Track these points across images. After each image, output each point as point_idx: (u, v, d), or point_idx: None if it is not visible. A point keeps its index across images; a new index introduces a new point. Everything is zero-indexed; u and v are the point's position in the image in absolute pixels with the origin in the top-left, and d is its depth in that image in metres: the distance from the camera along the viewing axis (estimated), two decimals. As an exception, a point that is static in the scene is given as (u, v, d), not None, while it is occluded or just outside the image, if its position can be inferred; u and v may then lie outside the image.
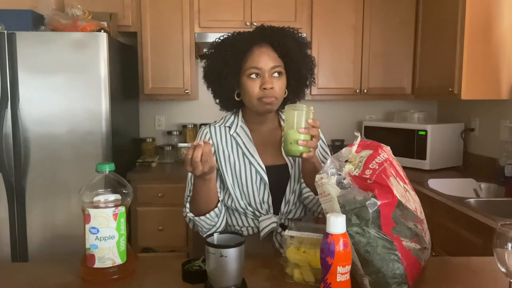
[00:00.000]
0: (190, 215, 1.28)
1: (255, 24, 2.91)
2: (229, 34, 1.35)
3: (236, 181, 1.35)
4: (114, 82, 2.51)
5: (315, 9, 2.98)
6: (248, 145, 1.36)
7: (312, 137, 1.14)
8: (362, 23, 3.03)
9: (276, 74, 1.29)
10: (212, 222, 1.28)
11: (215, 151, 1.36)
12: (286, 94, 1.36)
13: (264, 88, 1.26)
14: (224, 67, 1.29)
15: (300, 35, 1.38)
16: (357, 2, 3.01)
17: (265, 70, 1.27)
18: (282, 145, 1.18)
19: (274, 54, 1.29)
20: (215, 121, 1.43)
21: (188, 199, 1.33)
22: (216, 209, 1.27)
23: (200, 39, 2.93)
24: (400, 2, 3.03)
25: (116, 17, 2.79)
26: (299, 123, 1.13)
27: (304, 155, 1.13)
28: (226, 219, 1.39)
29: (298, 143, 1.12)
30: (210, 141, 1.36)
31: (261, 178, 1.33)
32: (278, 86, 1.29)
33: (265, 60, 1.27)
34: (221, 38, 1.35)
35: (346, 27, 3.03)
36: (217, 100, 1.40)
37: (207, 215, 1.26)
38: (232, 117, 1.41)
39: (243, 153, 1.35)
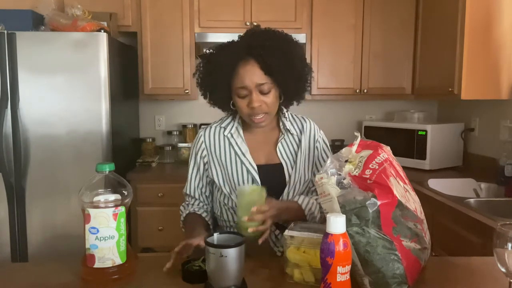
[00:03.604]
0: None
1: (255, 24, 2.91)
2: (216, 47, 1.33)
3: (227, 180, 1.37)
4: (114, 82, 2.51)
5: (315, 9, 2.98)
6: (241, 145, 1.37)
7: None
8: (362, 23, 3.03)
9: (263, 90, 1.28)
10: None
11: (206, 155, 1.40)
12: (282, 100, 1.37)
13: (252, 107, 1.27)
14: (214, 85, 1.32)
15: (291, 41, 1.33)
16: (357, 2, 3.01)
17: (252, 88, 1.27)
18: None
19: (260, 71, 1.26)
20: (214, 121, 1.45)
21: (187, 209, 1.43)
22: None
23: (200, 39, 2.93)
24: (400, 2, 3.03)
25: (116, 17, 2.79)
26: (247, 207, 1.16)
27: (250, 230, 1.15)
28: (222, 215, 1.41)
29: (248, 230, 1.15)
30: (203, 145, 1.40)
31: (253, 178, 1.34)
32: (267, 101, 1.29)
33: (251, 78, 1.26)
34: (209, 52, 1.34)
35: (346, 27, 3.02)
36: (214, 106, 1.42)
37: None
38: (230, 118, 1.43)
39: (236, 153, 1.36)
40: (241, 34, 1.35)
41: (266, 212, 1.15)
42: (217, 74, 1.29)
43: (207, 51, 1.36)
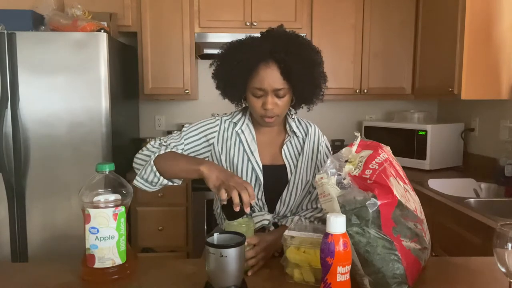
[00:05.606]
0: (153, 160, 1.28)
1: (255, 24, 2.91)
2: (236, 43, 1.32)
3: None
4: (114, 82, 2.51)
5: (315, 9, 2.98)
6: (250, 143, 1.38)
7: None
8: (362, 23, 3.03)
9: (279, 94, 1.29)
10: (155, 181, 1.29)
11: (214, 138, 1.39)
12: (294, 103, 1.38)
13: (266, 108, 1.29)
14: (230, 80, 1.31)
15: (313, 48, 1.34)
16: (357, 2, 3.01)
17: (268, 91, 1.28)
18: None
19: (279, 76, 1.27)
20: (225, 113, 1.45)
21: (166, 149, 1.31)
22: (166, 181, 1.29)
23: (200, 39, 2.93)
24: (400, 2, 3.03)
25: (116, 17, 2.79)
26: None
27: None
28: (222, 213, 1.40)
29: None
30: (217, 128, 1.39)
31: (257, 177, 1.35)
32: (281, 103, 1.30)
33: (269, 82, 1.27)
34: (228, 46, 1.33)
35: (346, 27, 3.03)
36: (225, 98, 1.42)
37: (161, 177, 1.27)
38: (240, 114, 1.44)
39: (244, 150, 1.37)
40: (262, 32, 1.33)
41: (256, 246, 1.15)
42: (236, 71, 1.28)
43: (226, 45, 1.34)
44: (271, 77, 1.26)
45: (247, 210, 1.07)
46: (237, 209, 1.06)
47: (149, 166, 1.29)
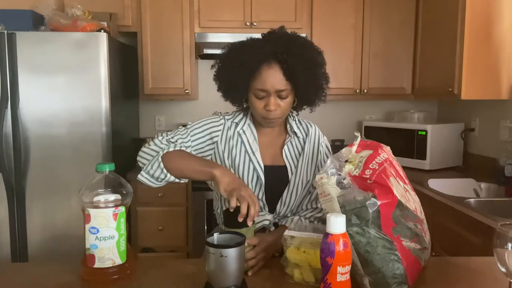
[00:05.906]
0: (161, 157, 1.28)
1: (255, 24, 2.91)
2: (238, 44, 1.32)
3: None
4: (114, 82, 2.51)
5: (315, 9, 2.98)
6: (252, 143, 1.38)
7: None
8: (362, 23, 3.03)
9: (282, 96, 1.29)
10: (161, 177, 1.29)
11: (217, 136, 1.38)
12: (296, 104, 1.38)
13: (268, 110, 1.28)
14: (232, 82, 1.31)
15: (315, 50, 1.34)
16: (357, 2, 3.01)
17: (271, 92, 1.27)
18: None
19: (282, 76, 1.26)
20: (227, 112, 1.45)
21: (174, 147, 1.30)
22: (173, 178, 1.29)
23: (200, 39, 2.92)
24: (400, 2, 3.03)
25: (116, 17, 2.79)
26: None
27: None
28: (221, 213, 1.40)
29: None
30: (221, 127, 1.38)
31: (258, 177, 1.35)
32: (283, 104, 1.30)
33: (272, 83, 1.26)
34: (230, 47, 1.33)
35: (346, 27, 3.03)
36: (226, 100, 1.41)
37: (168, 173, 1.27)
38: (242, 114, 1.43)
39: (246, 150, 1.37)
40: (263, 33, 1.33)
41: (256, 246, 1.15)
42: (237, 72, 1.28)
43: (227, 47, 1.34)
44: (273, 78, 1.26)
45: (250, 223, 1.07)
46: (241, 219, 1.06)
47: (157, 162, 1.29)
